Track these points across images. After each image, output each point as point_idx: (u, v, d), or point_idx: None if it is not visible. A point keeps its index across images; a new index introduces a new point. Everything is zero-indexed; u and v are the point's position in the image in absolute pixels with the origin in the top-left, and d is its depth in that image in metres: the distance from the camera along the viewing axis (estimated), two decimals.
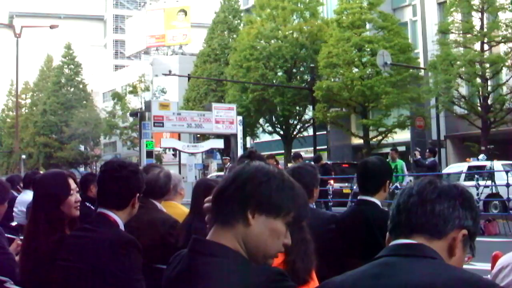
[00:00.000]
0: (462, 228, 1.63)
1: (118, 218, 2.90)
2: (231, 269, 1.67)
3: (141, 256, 2.78)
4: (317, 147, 30.05)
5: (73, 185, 3.36)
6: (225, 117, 27.19)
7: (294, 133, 35.25)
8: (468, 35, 24.36)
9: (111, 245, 2.73)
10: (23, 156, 55.73)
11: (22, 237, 4.53)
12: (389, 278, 1.55)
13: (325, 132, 36.47)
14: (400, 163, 16.81)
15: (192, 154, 35.04)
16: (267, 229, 1.73)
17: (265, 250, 1.75)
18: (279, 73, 34.23)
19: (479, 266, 5.17)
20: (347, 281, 1.64)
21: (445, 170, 19.92)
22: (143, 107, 32.68)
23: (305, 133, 35.57)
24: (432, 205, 1.63)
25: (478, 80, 23.89)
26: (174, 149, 35.53)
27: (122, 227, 2.90)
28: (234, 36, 42.50)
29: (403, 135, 30.13)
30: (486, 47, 24.20)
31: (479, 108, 24.20)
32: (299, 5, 34.43)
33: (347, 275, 1.68)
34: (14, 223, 6.17)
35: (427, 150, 17.86)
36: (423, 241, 1.62)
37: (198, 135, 39.61)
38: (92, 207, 5.02)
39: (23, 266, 3.27)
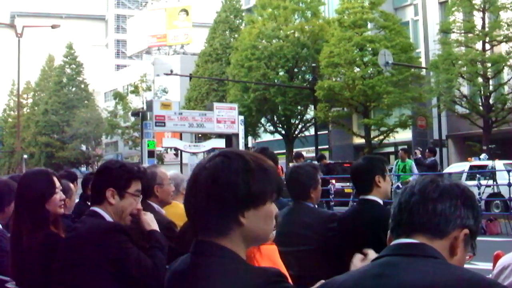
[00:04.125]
0: (464, 228, 1.63)
1: (109, 217, 2.94)
2: (230, 270, 1.67)
3: (130, 240, 2.80)
4: (319, 147, 30.05)
5: (57, 183, 3.37)
6: (226, 117, 27.19)
7: (296, 132, 35.24)
8: (470, 35, 24.34)
9: (99, 233, 2.76)
10: (25, 156, 55.78)
11: None
12: (390, 278, 1.55)
13: (326, 132, 36.47)
14: (409, 163, 16.87)
15: (194, 153, 35.00)
16: (260, 218, 1.73)
17: (264, 235, 1.77)
18: (281, 73, 34.23)
19: (481, 265, 5.17)
20: (348, 281, 1.64)
21: (447, 170, 19.92)
22: (145, 107, 32.67)
23: (306, 133, 35.57)
24: (434, 204, 1.62)
25: (480, 79, 23.87)
26: (176, 149, 35.49)
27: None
28: (236, 35, 42.54)
29: (405, 135, 30.12)
30: (487, 46, 24.18)
31: (481, 108, 24.18)
32: (300, 4, 34.42)
33: (349, 275, 1.68)
34: None
35: (427, 150, 17.88)
36: (425, 241, 1.61)
37: (200, 135, 39.62)
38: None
39: (13, 263, 3.27)
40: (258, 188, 1.72)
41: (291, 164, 20.10)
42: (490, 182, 15.09)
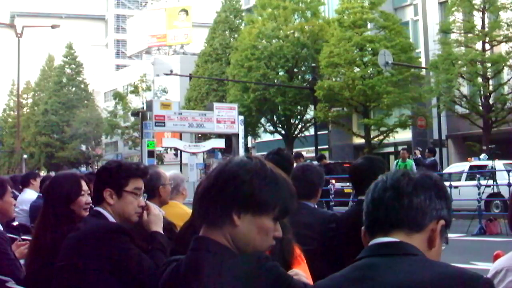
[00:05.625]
0: (440, 219, 1.63)
1: (111, 216, 2.94)
2: (222, 263, 1.69)
3: (131, 241, 2.79)
4: (319, 147, 30.05)
5: (85, 187, 3.43)
6: (226, 117, 27.19)
7: (296, 132, 35.25)
8: (470, 35, 24.34)
9: (102, 234, 2.76)
10: (25, 156, 55.73)
11: (23, 237, 4.53)
12: (372, 281, 1.54)
13: (326, 132, 36.46)
14: (410, 163, 16.90)
15: (194, 153, 35.03)
16: (255, 227, 1.73)
17: (254, 247, 1.75)
18: (281, 73, 34.24)
19: (481, 265, 5.18)
20: (329, 286, 1.64)
21: (447, 170, 19.91)
22: (145, 107, 32.70)
23: (306, 133, 35.58)
24: (409, 198, 1.61)
25: (480, 79, 23.86)
26: (176, 149, 35.52)
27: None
28: (236, 35, 42.57)
29: (405, 135, 30.12)
30: (487, 46, 24.17)
31: (481, 108, 24.18)
32: (300, 4, 34.42)
33: (329, 280, 1.67)
34: (15, 223, 6.17)
35: (427, 150, 17.89)
36: (403, 236, 1.60)
37: (200, 135, 39.62)
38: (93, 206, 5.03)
39: (29, 264, 3.29)
40: (262, 194, 1.71)
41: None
42: (490, 182, 15.07)
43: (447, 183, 14.97)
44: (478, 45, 24.25)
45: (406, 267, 1.53)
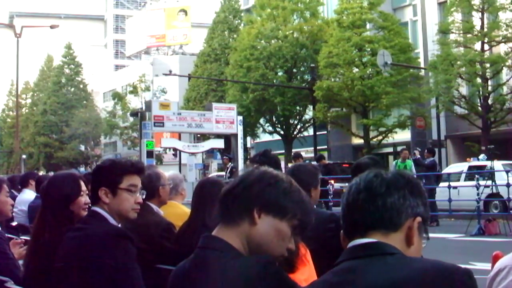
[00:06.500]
0: (416, 216, 1.63)
1: (109, 216, 2.91)
2: (227, 263, 1.71)
3: (134, 247, 2.78)
4: (318, 147, 30.04)
5: (84, 187, 3.41)
6: (225, 117, 27.15)
7: (295, 133, 35.25)
8: (469, 35, 24.35)
9: (103, 238, 2.73)
10: (24, 156, 55.69)
11: (22, 237, 4.52)
12: (352, 284, 1.53)
13: (325, 132, 36.45)
14: (409, 163, 16.87)
15: (193, 154, 35.04)
16: (273, 229, 1.77)
17: (268, 251, 1.78)
18: (280, 73, 34.24)
19: (480, 266, 5.17)
20: None
21: (446, 170, 19.93)
22: (144, 107, 32.67)
23: (305, 133, 35.57)
24: (383, 198, 1.62)
25: (479, 80, 23.89)
26: (175, 149, 35.55)
27: (113, 222, 2.92)
28: (235, 36, 42.56)
29: (404, 135, 30.13)
30: (486, 47, 24.19)
31: (480, 108, 24.20)
32: (299, 5, 34.42)
33: (311, 286, 1.68)
34: (14, 223, 6.16)
35: (426, 150, 17.86)
36: (380, 237, 1.61)
37: (199, 135, 39.64)
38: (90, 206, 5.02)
39: (28, 264, 3.28)
40: (285, 199, 1.79)
41: (290, 165, 20.07)
42: (489, 182, 15.05)
43: (446, 184, 15.01)
44: (477, 46, 24.26)
45: (385, 267, 1.53)
